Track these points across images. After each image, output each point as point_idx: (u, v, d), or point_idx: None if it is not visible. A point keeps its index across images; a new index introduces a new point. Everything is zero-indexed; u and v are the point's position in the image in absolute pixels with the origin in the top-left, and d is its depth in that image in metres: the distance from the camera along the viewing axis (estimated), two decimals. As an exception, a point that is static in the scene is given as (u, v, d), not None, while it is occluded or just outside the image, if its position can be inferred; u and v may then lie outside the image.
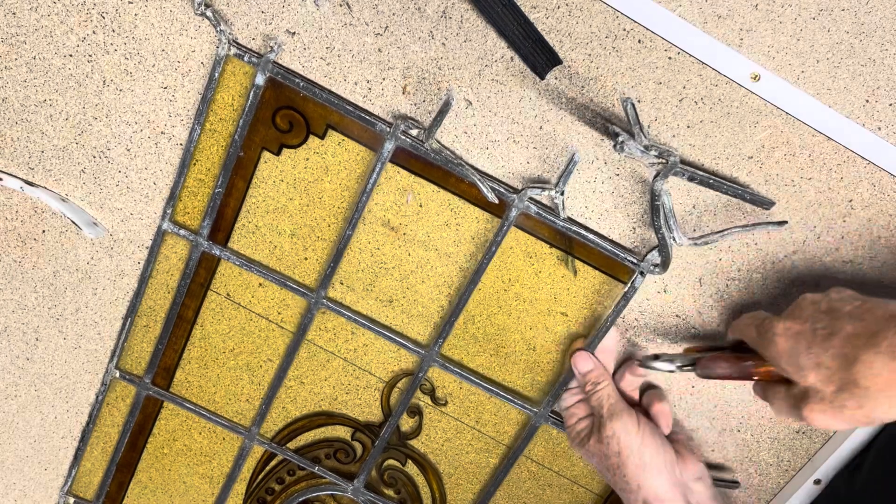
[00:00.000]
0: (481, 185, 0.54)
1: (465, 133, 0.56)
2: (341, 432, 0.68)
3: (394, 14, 0.53)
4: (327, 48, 0.54)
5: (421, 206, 0.58)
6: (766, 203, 0.54)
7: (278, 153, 0.58)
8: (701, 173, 0.53)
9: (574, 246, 0.58)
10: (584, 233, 0.57)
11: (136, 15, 0.54)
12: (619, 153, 0.53)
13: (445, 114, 0.53)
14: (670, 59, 0.52)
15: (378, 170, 0.56)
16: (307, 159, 0.58)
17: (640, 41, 0.51)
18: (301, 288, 0.61)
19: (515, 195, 0.56)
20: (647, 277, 0.57)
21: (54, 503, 0.75)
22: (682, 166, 0.52)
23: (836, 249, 0.56)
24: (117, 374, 0.67)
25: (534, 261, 0.59)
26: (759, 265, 0.57)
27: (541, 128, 0.55)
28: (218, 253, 0.61)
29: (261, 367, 0.66)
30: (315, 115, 0.56)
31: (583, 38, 0.52)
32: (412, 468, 0.69)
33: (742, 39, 0.51)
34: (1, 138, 0.59)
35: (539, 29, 0.51)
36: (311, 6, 0.53)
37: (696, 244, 0.54)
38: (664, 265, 0.55)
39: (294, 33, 0.54)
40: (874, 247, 0.55)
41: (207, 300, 0.64)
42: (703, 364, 0.55)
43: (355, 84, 0.55)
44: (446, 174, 0.57)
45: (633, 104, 0.52)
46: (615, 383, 0.60)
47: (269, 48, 0.54)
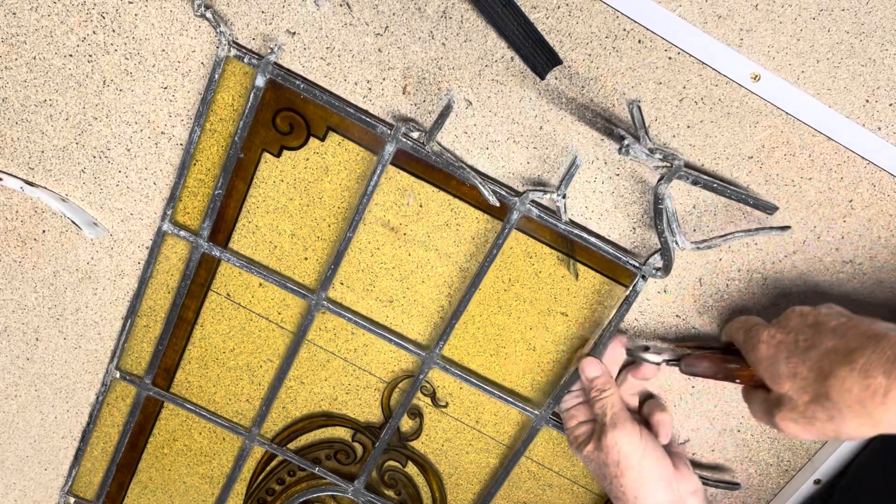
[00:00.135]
0: (483, 188, 0.54)
1: (466, 133, 0.55)
2: (342, 433, 0.68)
3: (394, 14, 0.53)
4: (327, 48, 0.54)
5: (421, 207, 0.58)
6: (769, 208, 0.54)
7: (278, 155, 0.58)
8: (705, 177, 0.53)
9: (576, 249, 0.58)
10: (587, 236, 0.57)
11: (136, 15, 0.54)
12: (623, 156, 0.53)
13: (446, 117, 0.53)
14: (670, 59, 0.52)
15: (379, 172, 0.56)
16: (307, 160, 0.58)
17: (640, 41, 0.51)
18: (301, 288, 0.61)
19: (517, 198, 0.56)
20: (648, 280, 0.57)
21: (55, 503, 0.75)
22: (687, 170, 0.52)
23: (836, 249, 0.56)
24: (117, 375, 0.67)
25: (534, 261, 0.59)
26: (759, 265, 0.57)
27: (541, 128, 0.55)
28: (218, 254, 0.61)
29: (261, 368, 0.66)
30: (315, 116, 0.56)
31: (583, 38, 0.52)
32: (412, 469, 0.69)
33: (742, 39, 0.51)
34: (1, 138, 0.59)
35: (539, 29, 0.51)
36: (311, 6, 0.53)
37: (698, 248, 0.54)
38: (666, 269, 0.55)
39: (294, 33, 0.54)
40: (874, 247, 0.55)
41: (208, 300, 0.64)
42: (689, 361, 0.56)
43: (355, 84, 0.55)
44: (447, 176, 0.57)
45: (640, 107, 0.51)
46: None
47: (269, 49, 0.54)
